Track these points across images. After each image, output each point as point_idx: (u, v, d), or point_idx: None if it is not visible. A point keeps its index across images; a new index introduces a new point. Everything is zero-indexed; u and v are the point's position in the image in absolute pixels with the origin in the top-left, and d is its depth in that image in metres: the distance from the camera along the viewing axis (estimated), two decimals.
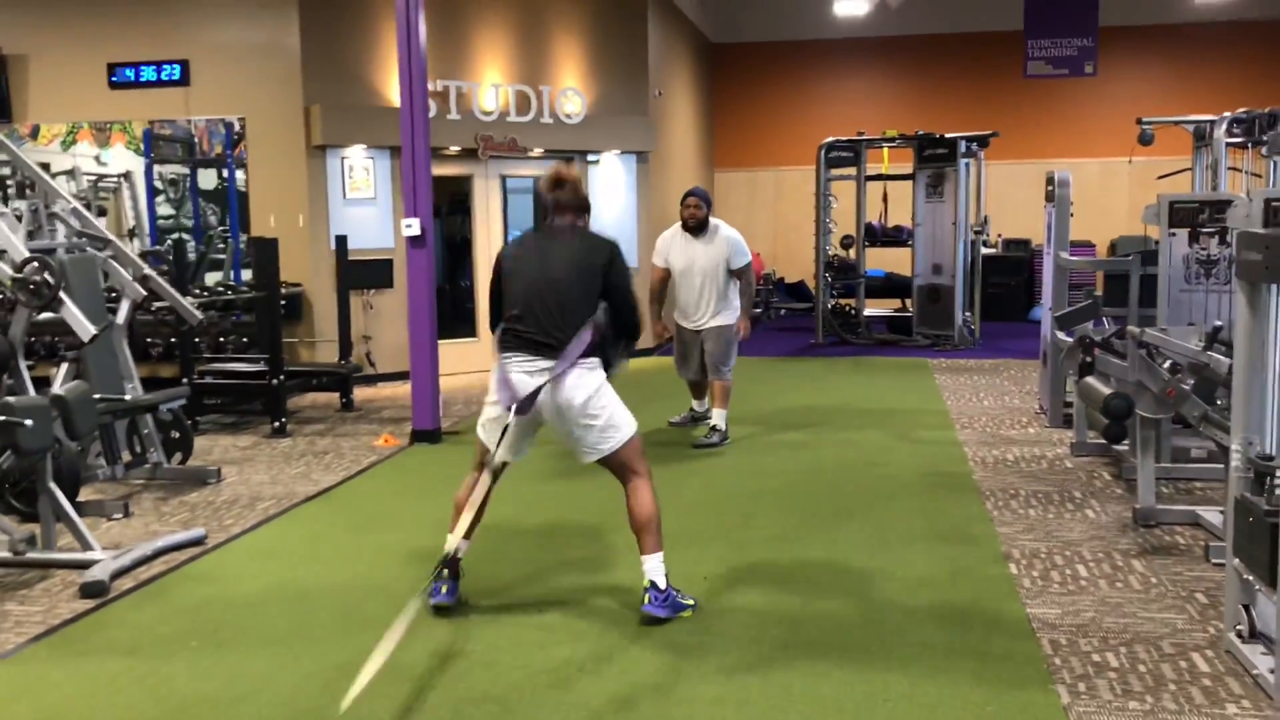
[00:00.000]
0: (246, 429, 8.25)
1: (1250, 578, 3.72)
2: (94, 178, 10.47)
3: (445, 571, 4.26)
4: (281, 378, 7.95)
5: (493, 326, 4.38)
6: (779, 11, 15.89)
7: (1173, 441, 6.37)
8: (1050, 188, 8.03)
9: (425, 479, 6.72)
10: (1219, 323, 5.02)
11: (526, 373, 4.13)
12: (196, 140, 10.45)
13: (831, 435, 7.68)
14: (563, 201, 4.34)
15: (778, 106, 16.19)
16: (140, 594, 4.72)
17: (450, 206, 11.42)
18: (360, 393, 9.46)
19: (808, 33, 15.88)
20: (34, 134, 10.34)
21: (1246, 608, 3.83)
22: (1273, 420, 3.69)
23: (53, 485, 5.09)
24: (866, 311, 13.26)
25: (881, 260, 14.06)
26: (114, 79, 10.08)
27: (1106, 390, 5.09)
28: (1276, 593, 3.48)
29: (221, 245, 10.54)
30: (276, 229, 9.87)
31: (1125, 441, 6.17)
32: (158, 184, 10.57)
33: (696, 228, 7.37)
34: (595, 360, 4.21)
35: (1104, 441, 6.79)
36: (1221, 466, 6.12)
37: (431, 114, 10.00)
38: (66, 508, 5.08)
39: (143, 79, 10.06)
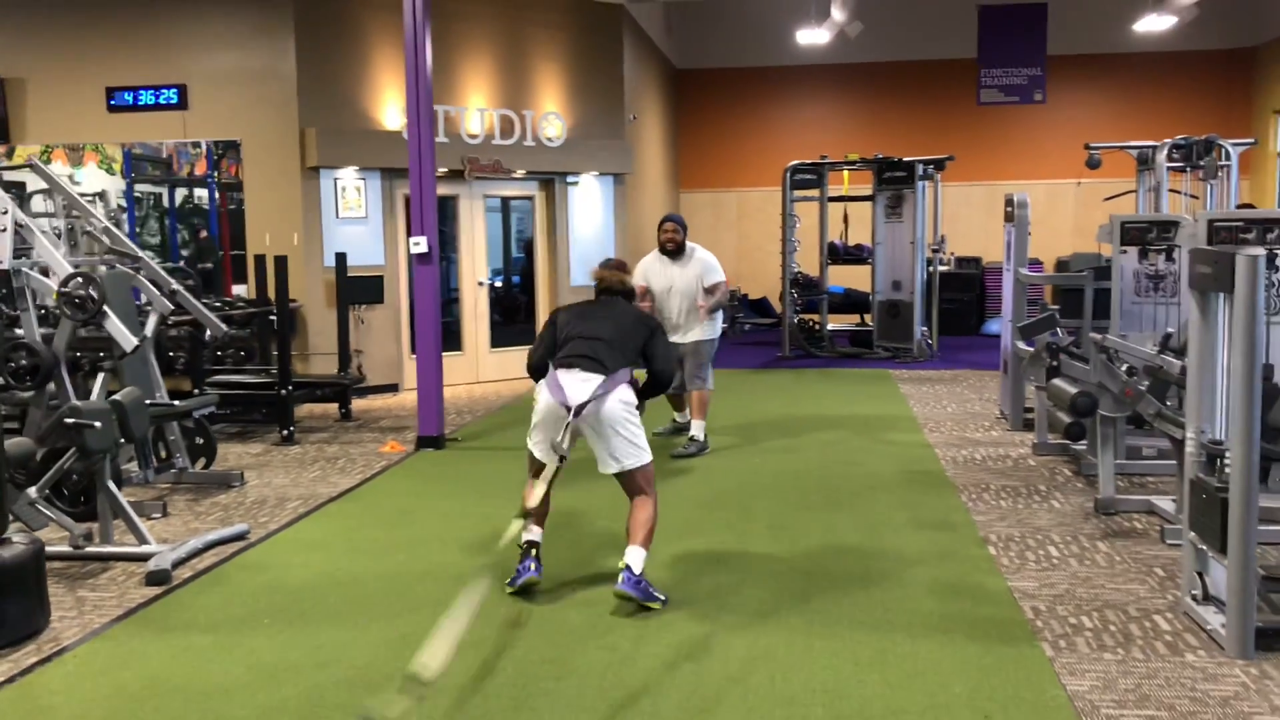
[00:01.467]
0: (253, 438, 8.62)
1: (1204, 547, 4.30)
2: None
3: (535, 551, 4.84)
4: (290, 388, 8.34)
5: (536, 366, 5.08)
6: (742, 39, 16.52)
7: (1127, 441, 6.98)
8: (1009, 209, 8.66)
9: (438, 481, 7.17)
10: (1170, 330, 5.64)
11: (581, 381, 4.71)
12: (168, 159, 10.79)
13: (811, 439, 8.23)
14: (613, 288, 5.25)
15: (741, 130, 16.81)
16: (200, 582, 5.13)
17: None
18: (353, 404, 9.82)
19: (770, 59, 16.52)
20: (9, 154, 10.60)
21: (1200, 575, 4.41)
22: (1222, 411, 4.27)
23: (111, 484, 5.49)
24: (828, 326, 13.87)
25: (841, 277, 14.71)
26: (112, 102, 10.42)
27: (1073, 390, 5.68)
28: (1226, 557, 4.05)
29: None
30: (271, 247, 10.28)
31: (1083, 441, 6.80)
32: (122, 203, 10.80)
33: (674, 251, 7.83)
34: (630, 391, 4.84)
35: (1064, 441, 7.42)
36: (1170, 462, 6.77)
37: None
38: (124, 505, 5.48)
39: (141, 103, 10.41)
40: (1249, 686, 3.75)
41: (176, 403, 6.65)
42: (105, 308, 6.16)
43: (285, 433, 8.37)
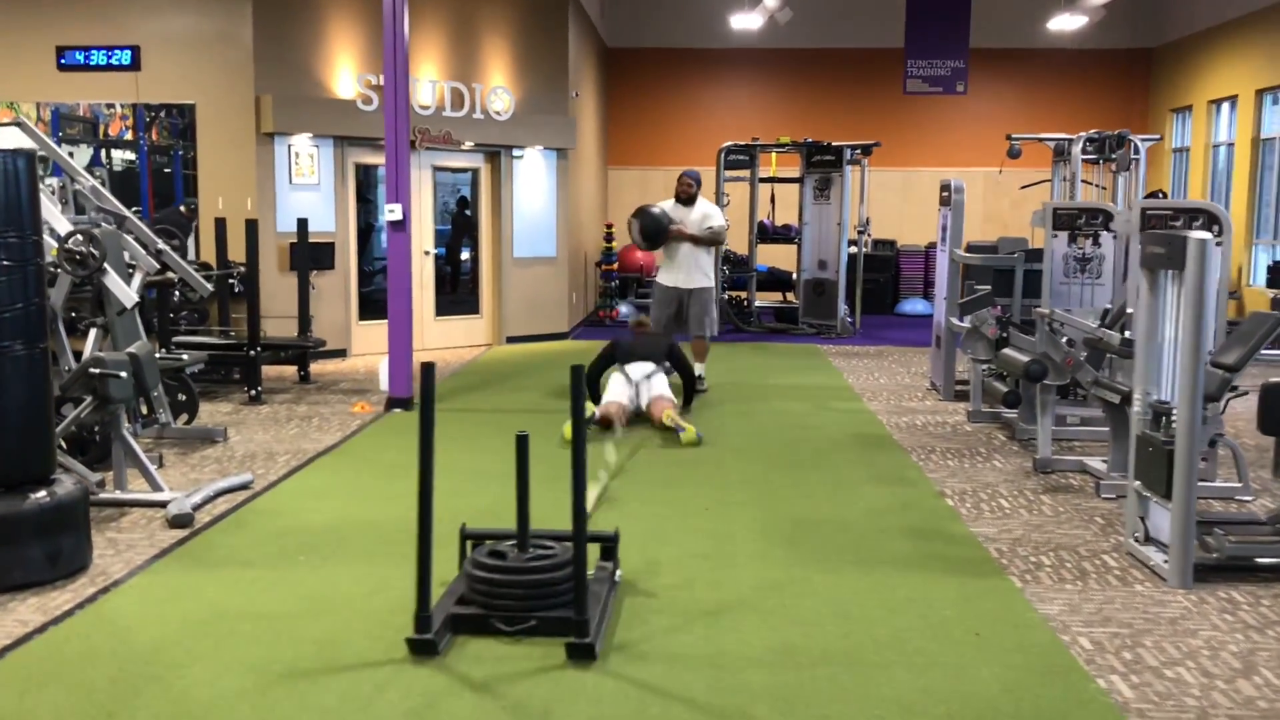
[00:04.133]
0: (217, 397, 8.79)
1: (1148, 495, 4.91)
2: None
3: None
4: (259, 349, 8.54)
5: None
6: (673, 20, 16.93)
7: (1056, 410, 7.62)
8: (946, 194, 9.28)
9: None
10: (1108, 306, 6.27)
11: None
12: (91, 120, 10.77)
13: (762, 406, 8.73)
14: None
15: (669, 109, 17.22)
16: (222, 525, 5.41)
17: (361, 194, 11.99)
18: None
19: (699, 41, 16.95)
20: None
21: (1142, 519, 5.02)
22: (1168, 376, 4.88)
23: (126, 433, 5.71)
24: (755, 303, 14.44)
25: (763, 256, 15.27)
26: (63, 61, 10.39)
27: (1025, 359, 6.28)
28: (1171, 503, 4.66)
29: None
30: (224, 211, 10.41)
31: (1015, 409, 7.46)
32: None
33: (687, 200, 9.25)
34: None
35: (997, 410, 8.08)
36: (1091, 428, 7.47)
37: (373, 106, 10.77)
38: (139, 453, 5.72)
39: (92, 63, 10.41)
40: (1191, 610, 4.36)
41: (185, 356, 6.85)
42: (105, 265, 6.36)
43: (253, 392, 8.58)
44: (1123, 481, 6.08)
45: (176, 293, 8.48)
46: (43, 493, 4.55)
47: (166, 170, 11.02)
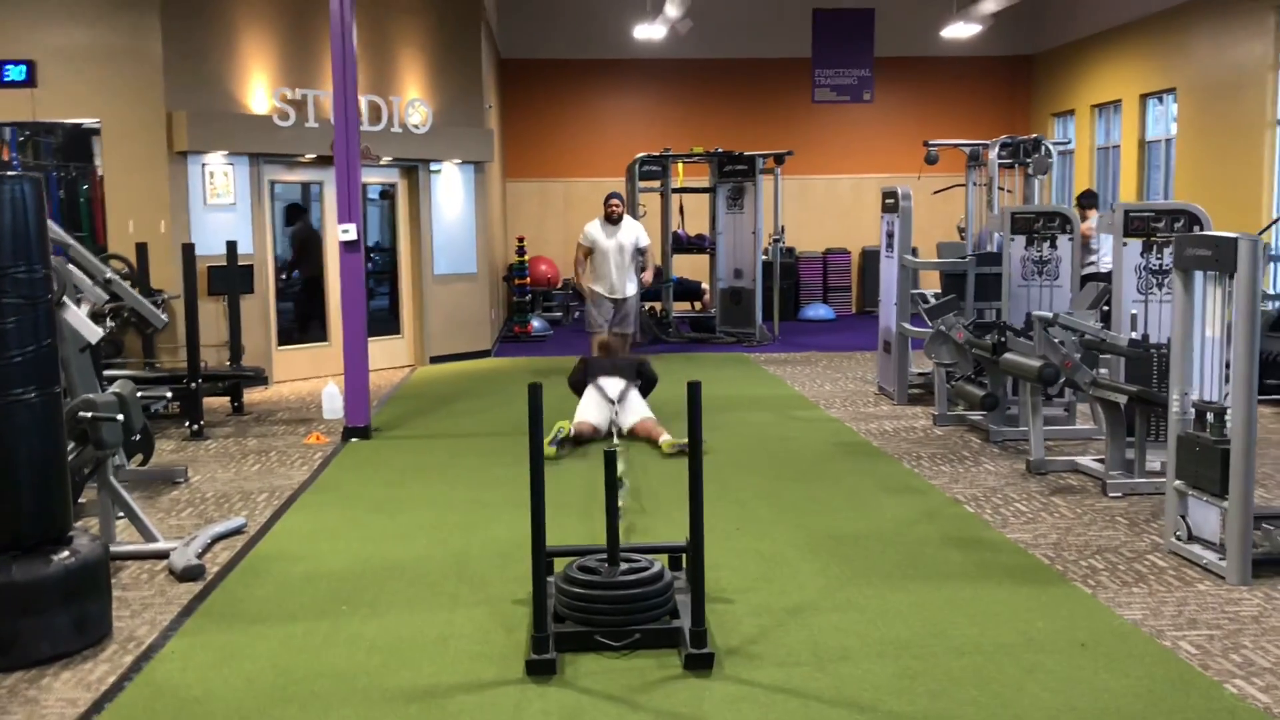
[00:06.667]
0: (156, 434, 8.20)
1: (1193, 494, 4.96)
2: None
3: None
4: (200, 381, 8.03)
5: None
6: (571, 31, 16.70)
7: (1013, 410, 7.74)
8: (892, 200, 9.36)
9: (395, 469, 7.11)
10: (1106, 308, 6.37)
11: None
12: None
13: (725, 418, 8.59)
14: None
15: (569, 121, 16.98)
16: (235, 575, 5.00)
17: (289, 215, 11.48)
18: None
19: (600, 52, 16.73)
20: None
21: (1184, 518, 5.08)
22: (1214, 374, 4.95)
23: (113, 480, 5.25)
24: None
25: (675, 267, 15.20)
26: None
27: (1033, 363, 6.33)
28: (1226, 501, 4.72)
29: None
30: (135, 235, 9.79)
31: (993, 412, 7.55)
32: None
33: (615, 220, 10.02)
34: None
35: (962, 414, 8.17)
36: (1059, 428, 7.60)
37: (290, 122, 10.32)
38: (130, 502, 5.26)
39: None
40: (1266, 607, 4.42)
41: (168, 394, 6.36)
42: (65, 298, 5.87)
43: (195, 427, 8.05)
44: (1129, 480, 6.21)
45: (108, 323, 7.91)
46: (65, 553, 4.11)
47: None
